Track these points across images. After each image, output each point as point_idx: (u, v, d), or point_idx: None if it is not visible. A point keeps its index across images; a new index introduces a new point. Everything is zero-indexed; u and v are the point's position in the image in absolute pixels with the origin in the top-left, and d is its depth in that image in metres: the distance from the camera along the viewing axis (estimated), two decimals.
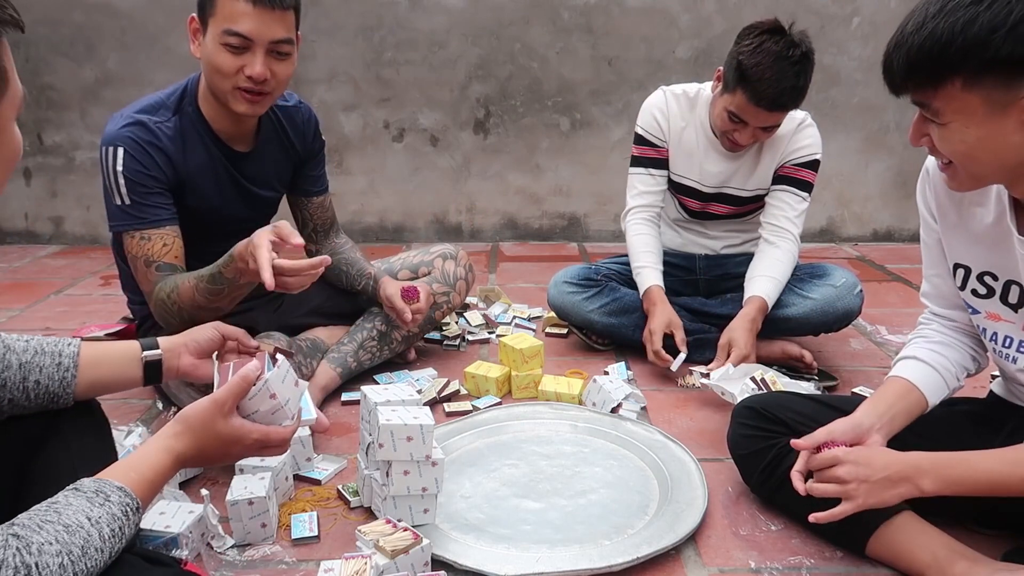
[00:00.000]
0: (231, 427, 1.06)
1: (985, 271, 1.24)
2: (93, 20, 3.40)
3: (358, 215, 3.68)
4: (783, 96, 1.85)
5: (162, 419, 1.83)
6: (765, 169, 2.11)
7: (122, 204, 1.62)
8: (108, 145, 1.61)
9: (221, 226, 1.78)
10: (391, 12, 3.43)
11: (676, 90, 2.17)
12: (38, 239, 3.70)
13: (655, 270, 2.15)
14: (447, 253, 2.16)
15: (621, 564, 1.26)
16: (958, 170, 1.09)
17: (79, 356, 1.12)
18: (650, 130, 2.18)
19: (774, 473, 1.38)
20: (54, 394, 1.10)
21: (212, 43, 1.56)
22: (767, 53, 1.83)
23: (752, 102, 1.87)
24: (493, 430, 1.75)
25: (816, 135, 2.09)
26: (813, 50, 1.89)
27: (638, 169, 2.21)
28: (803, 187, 2.09)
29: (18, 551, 0.76)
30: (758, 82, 1.84)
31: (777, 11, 3.36)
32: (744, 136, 1.98)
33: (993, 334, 1.26)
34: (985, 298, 1.25)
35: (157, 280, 1.62)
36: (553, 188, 3.67)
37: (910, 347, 1.38)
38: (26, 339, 1.11)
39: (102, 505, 0.87)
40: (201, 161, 1.71)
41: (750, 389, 1.75)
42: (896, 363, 1.38)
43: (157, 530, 1.25)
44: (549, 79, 3.52)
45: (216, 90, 1.63)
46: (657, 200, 2.21)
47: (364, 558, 1.19)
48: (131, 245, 1.64)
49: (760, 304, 1.98)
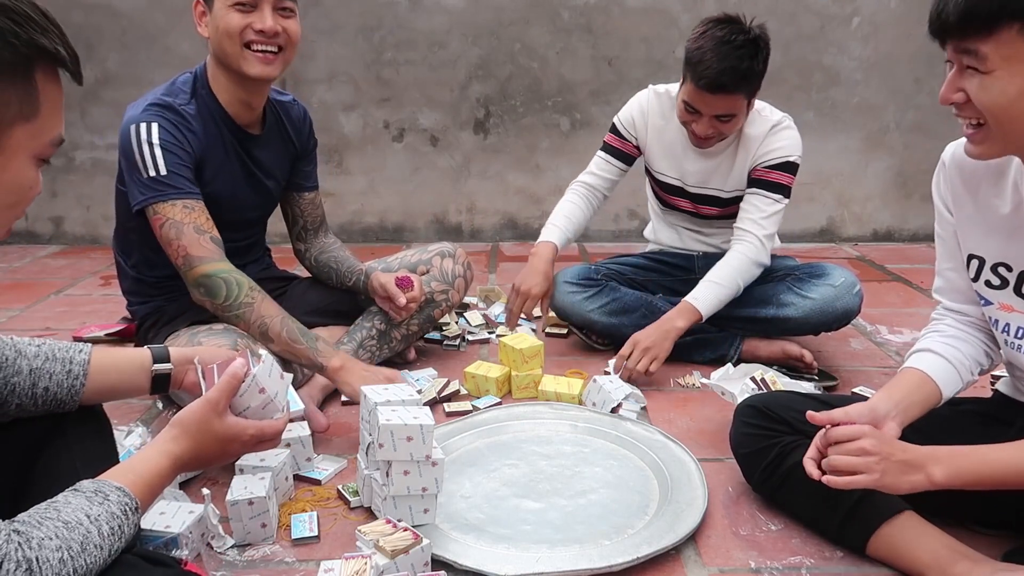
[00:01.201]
0: (226, 426, 1.08)
1: (1000, 262, 1.24)
2: (93, 20, 3.40)
3: (358, 215, 3.68)
4: (723, 76, 1.84)
5: (162, 419, 1.83)
6: (740, 170, 2.11)
7: (157, 175, 1.62)
8: (139, 123, 1.63)
9: (228, 214, 1.79)
10: (391, 12, 3.43)
11: (660, 89, 2.19)
12: (38, 239, 3.69)
13: (558, 230, 2.22)
14: (445, 251, 2.16)
15: (621, 564, 1.26)
16: (989, 131, 1.07)
17: (89, 364, 1.12)
18: (625, 123, 2.23)
19: (776, 471, 1.38)
20: (61, 400, 1.10)
21: (221, 10, 1.63)
22: (710, 38, 1.86)
23: (695, 85, 1.89)
24: (493, 430, 1.75)
25: (792, 137, 2.06)
26: (766, 40, 1.89)
27: (601, 153, 2.29)
28: (773, 189, 2.06)
29: (20, 546, 0.77)
30: (698, 64, 1.86)
31: (777, 11, 3.38)
32: (701, 126, 1.97)
33: (1006, 325, 1.26)
34: (999, 289, 1.25)
35: (215, 254, 1.64)
36: (553, 188, 3.66)
37: (925, 340, 1.38)
38: (38, 343, 1.11)
39: (101, 504, 0.87)
40: (217, 144, 1.74)
41: (750, 389, 1.75)
42: (910, 355, 1.37)
43: (157, 530, 1.25)
44: (549, 79, 3.52)
45: (229, 57, 1.66)
46: (603, 184, 2.28)
47: (364, 558, 1.19)
48: (171, 212, 1.62)
49: (686, 307, 2.00)
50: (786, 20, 3.42)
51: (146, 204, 1.63)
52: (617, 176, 2.28)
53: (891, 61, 3.46)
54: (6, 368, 1.06)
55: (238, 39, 1.63)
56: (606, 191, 2.30)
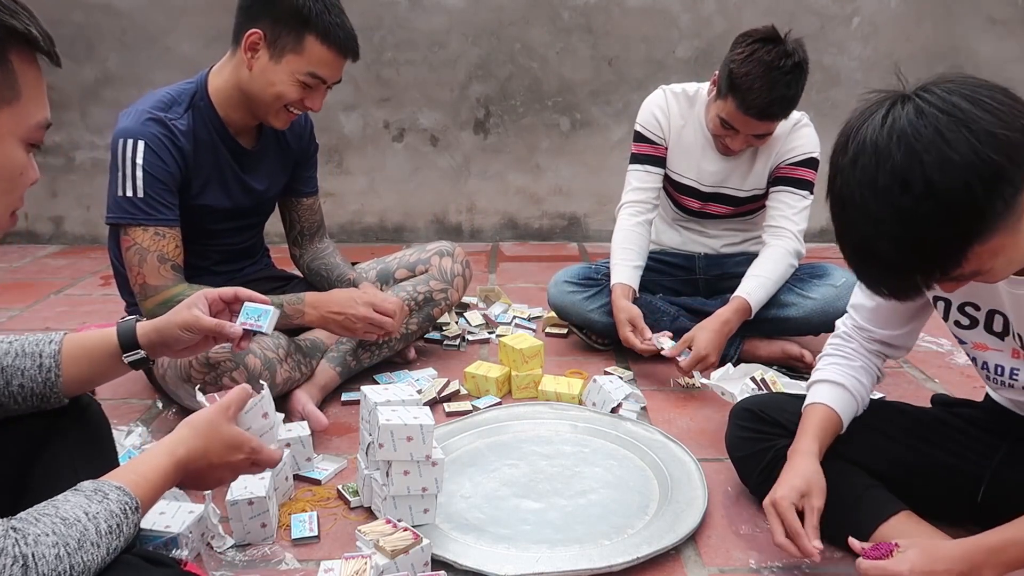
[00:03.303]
0: (234, 431, 1.08)
1: (966, 301, 1.21)
2: (93, 20, 3.40)
3: (358, 215, 3.68)
4: (773, 106, 1.86)
5: (162, 419, 1.83)
6: (761, 170, 2.12)
7: (133, 196, 1.63)
8: (128, 137, 1.63)
9: (222, 222, 1.80)
10: (391, 12, 3.43)
11: (676, 89, 2.18)
12: (38, 239, 3.69)
13: (627, 267, 2.14)
14: (443, 250, 2.16)
15: (621, 564, 1.26)
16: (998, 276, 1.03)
17: (61, 355, 1.10)
18: (650, 127, 2.19)
19: (772, 474, 1.37)
20: (41, 395, 1.09)
21: (285, 74, 1.65)
22: (758, 63, 1.83)
23: (742, 111, 1.88)
24: (493, 430, 1.75)
25: (812, 135, 2.09)
26: (807, 59, 1.89)
27: (635, 166, 2.22)
28: (801, 185, 2.09)
29: (16, 542, 0.77)
30: (748, 91, 1.85)
31: (777, 11, 3.38)
32: (736, 143, 2.00)
33: (984, 363, 1.24)
34: (969, 329, 1.23)
35: (170, 280, 1.65)
36: (553, 188, 3.67)
37: (830, 369, 1.37)
38: (9, 340, 1.10)
39: (100, 502, 0.87)
40: (209, 156, 1.75)
41: (750, 389, 1.75)
42: (818, 384, 1.37)
43: (157, 530, 1.25)
44: (549, 79, 3.52)
45: (262, 107, 1.70)
46: (651, 196, 2.21)
47: (364, 558, 1.19)
48: (141, 237, 1.64)
49: (739, 304, 1.99)
50: (786, 20, 3.39)
51: (122, 223, 1.66)
52: (659, 183, 2.22)
53: (891, 61, 3.45)
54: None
55: (283, 103, 1.69)
56: (655, 201, 2.23)
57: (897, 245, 0.92)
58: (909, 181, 0.89)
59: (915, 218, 0.90)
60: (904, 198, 0.90)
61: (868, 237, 0.94)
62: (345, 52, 1.68)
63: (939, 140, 0.88)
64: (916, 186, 0.89)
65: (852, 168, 0.95)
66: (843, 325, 1.43)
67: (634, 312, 2.04)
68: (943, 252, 0.93)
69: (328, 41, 1.65)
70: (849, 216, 0.96)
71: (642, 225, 2.20)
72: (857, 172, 0.94)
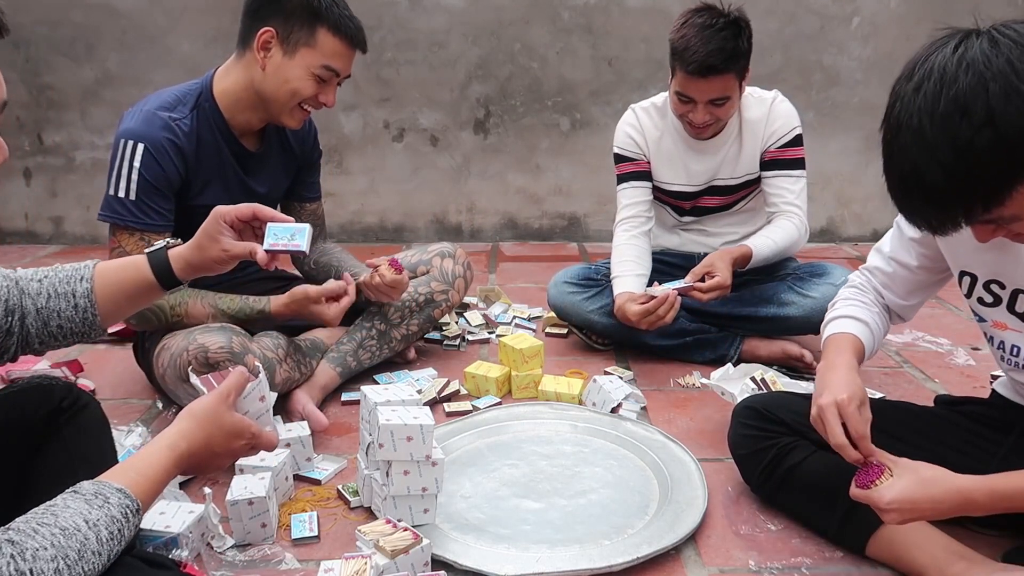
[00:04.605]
0: (235, 419, 1.08)
1: (992, 279, 1.22)
2: (93, 20, 3.40)
3: (358, 215, 3.68)
4: (710, 58, 1.87)
5: (162, 419, 1.83)
6: (750, 154, 2.13)
7: (125, 198, 1.64)
8: (129, 139, 1.64)
9: None
10: (391, 12, 3.42)
11: (644, 104, 2.21)
12: (38, 239, 3.69)
13: (629, 277, 2.13)
14: (445, 251, 2.16)
15: (621, 564, 1.26)
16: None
17: (94, 293, 1.12)
18: (627, 148, 2.22)
19: (775, 473, 1.38)
20: (81, 332, 1.12)
21: (300, 69, 1.67)
22: (691, 26, 1.90)
23: (685, 72, 1.91)
24: (493, 430, 1.75)
25: (789, 109, 2.11)
26: (745, 18, 1.92)
27: (623, 185, 2.25)
28: (793, 166, 2.11)
29: (12, 558, 0.76)
30: (685, 51, 1.88)
31: (777, 11, 3.38)
32: (697, 115, 1.99)
33: (1000, 343, 1.25)
34: (992, 307, 1.23)
35: None
36: (553, 188, 3.67)
37: (851, 308, 1.39)
38: (39, 278, 1.11)
39: (101, 507, 0.86)
40: (212, 158, 1.75)
41: (750, 389, 1.75)
42: (841, 319, 1.38)
43: (157, 530, 1.25)
44: (549, 79, 3.52)
45: (275, 105, 1.71)
46: (644, 210, 2.23)
47: (364, 558, 1.19)
48: (126, 241, 1.66)
49: (744, 250, 2.03)
50: (786, 20, 3.42)
51: (111, 222, 1.67)
52: (649, 195, 2.24)
53: (891, 61, 3.45)
54: (16, 312, 1.07)
55: (297, 101, 1.70)
56: (648, 214, 2.24)
57: (947, 173, 0.91)
58: (970, 109, 0.89)
59: (970, 147, 0.89)
60: (963, 125, 0.89)
61: (919, 164, 0.93)
62: (356, 43, 1.72)
63: (1008, 70, 0.88)
64: (977, 115, 0.88)
65: (915, 94, 0.94)
66: (857, 279, 1.45)
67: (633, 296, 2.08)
68: (991, 185, 0.92)
69: (340, 33, 1.68)
70: (902, 141, 0.95)
71: (639, 237, 2.21)
72: (919, 98, 0.93)
